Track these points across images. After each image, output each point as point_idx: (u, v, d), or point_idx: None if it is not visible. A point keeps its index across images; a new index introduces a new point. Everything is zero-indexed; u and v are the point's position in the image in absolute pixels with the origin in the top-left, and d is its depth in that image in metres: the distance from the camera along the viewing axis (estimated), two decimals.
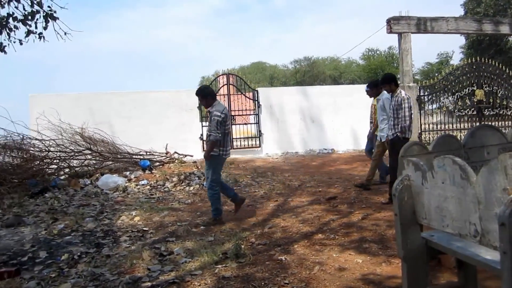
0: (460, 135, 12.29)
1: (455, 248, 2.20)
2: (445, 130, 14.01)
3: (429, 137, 13.79)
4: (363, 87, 7.72)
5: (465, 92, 14.02)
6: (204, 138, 12.95)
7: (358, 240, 4.38)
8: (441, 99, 14.68)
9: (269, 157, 12.63)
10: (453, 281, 3.09)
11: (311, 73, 50.12)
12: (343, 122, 13.58)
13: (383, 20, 14.23)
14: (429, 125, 14.31)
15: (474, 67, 14.15)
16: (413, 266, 2.39)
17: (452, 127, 14.34)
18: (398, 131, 5.84)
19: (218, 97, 13.51)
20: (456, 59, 39.18)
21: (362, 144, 9.80)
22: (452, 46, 69.10)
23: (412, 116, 5.90)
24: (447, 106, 14.47)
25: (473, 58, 14.66)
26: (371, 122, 7.70)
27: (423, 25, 14.12)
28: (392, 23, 13.93)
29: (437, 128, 14.27)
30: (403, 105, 5.81)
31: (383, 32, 14.59)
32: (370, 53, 49.52)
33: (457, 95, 14.12)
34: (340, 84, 39.05)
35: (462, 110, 14.17)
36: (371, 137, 7.55)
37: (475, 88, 13.97)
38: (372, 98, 7.35)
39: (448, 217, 2.07)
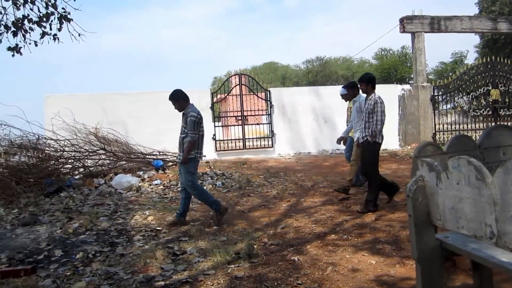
0: (475, 136, 12.12)
1: (470, 249, 2.17)
2: (460, 130, 13.87)
3: (443, 138, 13.67)
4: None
5: (480, 91, 13.86)
6: (216, 138, 13.00)
7: (372, 241, 4.35)
8: (455, 99, 14.53)
9: (282, 157, 12.62)
10: (468, 284, 3.06)
11: (323, 73, 50.00)
12: None
13: (396, 20, 14.15)
14: (443, 125, 14.19)
15: (489, 66, 13.98)
16: (428, 268, 2.37)
17: (467, 127, 14.19)
18: (368, 135, 5.64)
19: (230, 97, 13.77)
20: (471, 59, 38.52)
21: None
22: (466, 45, 68.04)
23: (384, 120, 5.67)
24: (462, 106, 14.31)
25: (488, 58, 14.46)
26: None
27: (436, 24, 14.00)
28: (405, 23, 13.84)
29: (451, 128, 14.13)
30: (376, 109, 5.61)
31: (396, 32, 14.51)
32: (383, 52, 49.20)
33: (472, 95, 13.96)
34: None
35: (477, 110, 14.01)
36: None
37: (490, 88, 13.81)
38: (348, 101, 7.29)
39: (463, 219, 2.05)
